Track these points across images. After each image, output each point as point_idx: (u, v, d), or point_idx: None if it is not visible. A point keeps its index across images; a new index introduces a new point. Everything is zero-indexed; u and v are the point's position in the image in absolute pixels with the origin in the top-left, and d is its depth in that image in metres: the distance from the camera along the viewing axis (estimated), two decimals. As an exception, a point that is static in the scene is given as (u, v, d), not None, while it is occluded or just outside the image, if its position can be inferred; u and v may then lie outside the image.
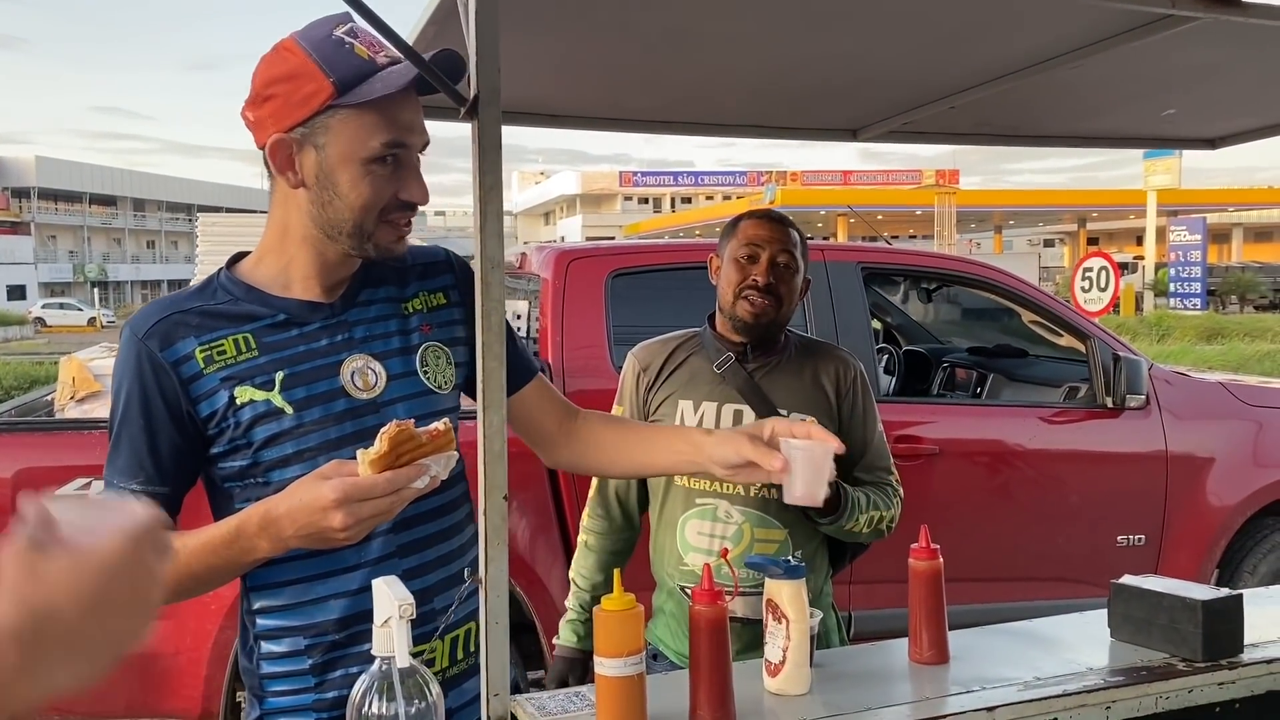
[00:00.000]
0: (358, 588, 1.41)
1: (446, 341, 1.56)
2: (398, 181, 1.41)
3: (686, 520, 2.18)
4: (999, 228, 46.76)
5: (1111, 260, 14.71)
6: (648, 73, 2.24)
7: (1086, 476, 4.22)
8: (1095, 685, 1.68)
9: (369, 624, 1.31)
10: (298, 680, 1.42)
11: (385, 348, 1.48)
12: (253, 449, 1.38)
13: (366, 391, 1.44)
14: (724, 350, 2.22)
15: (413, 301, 1.54)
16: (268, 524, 1.27)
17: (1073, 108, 2.54)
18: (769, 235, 2.20)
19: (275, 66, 1.37)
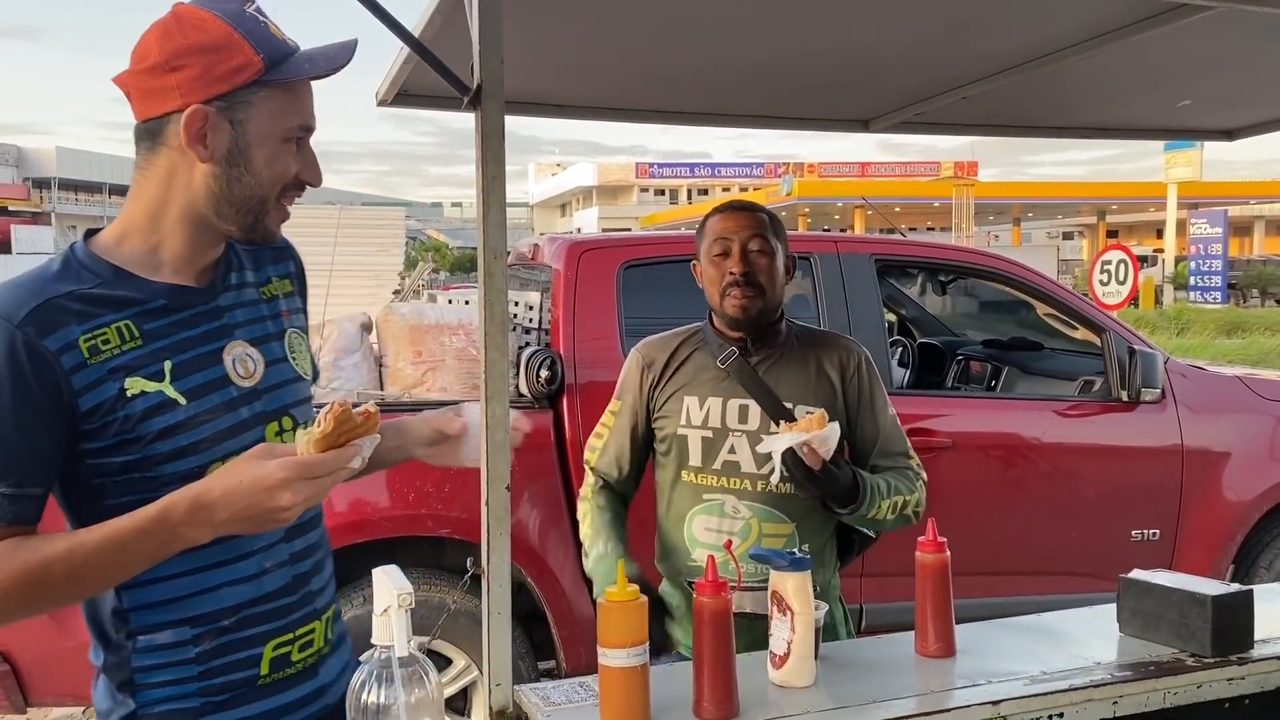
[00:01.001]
0: (252, 574, 1.40)
1: (301, 329, 1.56)
2: (301, 161, 1.39)
3: (694, 516, 2.17)
4: (1017, 220, 46.48)
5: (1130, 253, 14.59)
6: (657, 63, 2.23)
7: (1101, 471, 4.19)
8: (1102, 680, 1.67)
9: (260, 608, 1.38)
10: (181, 670, 1.38)
11: (261, 333, 1.46)
12: (144, 443, 1.31)
13: (248, 379, 1.41)
14: (726, 345, 2.21)
15: (269, 286, 1.52)
16: (198, 509, 1.22)
17: (1085, 98, 2.51)
18: (736, 225, 2.18)
19: (189, 36, 1.31)
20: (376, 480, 3.50)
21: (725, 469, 2.15)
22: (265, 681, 1.42)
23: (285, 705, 1.44)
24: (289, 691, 1.45)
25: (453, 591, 3.40)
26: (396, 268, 5.43)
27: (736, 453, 2.15)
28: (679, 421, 2.18)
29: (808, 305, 4.60)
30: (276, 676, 1.43)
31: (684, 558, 2.19)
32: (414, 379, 4.00)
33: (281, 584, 1.43)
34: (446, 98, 2.20)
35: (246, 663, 1.40)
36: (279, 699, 1.43)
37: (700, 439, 2.16)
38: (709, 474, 2.16)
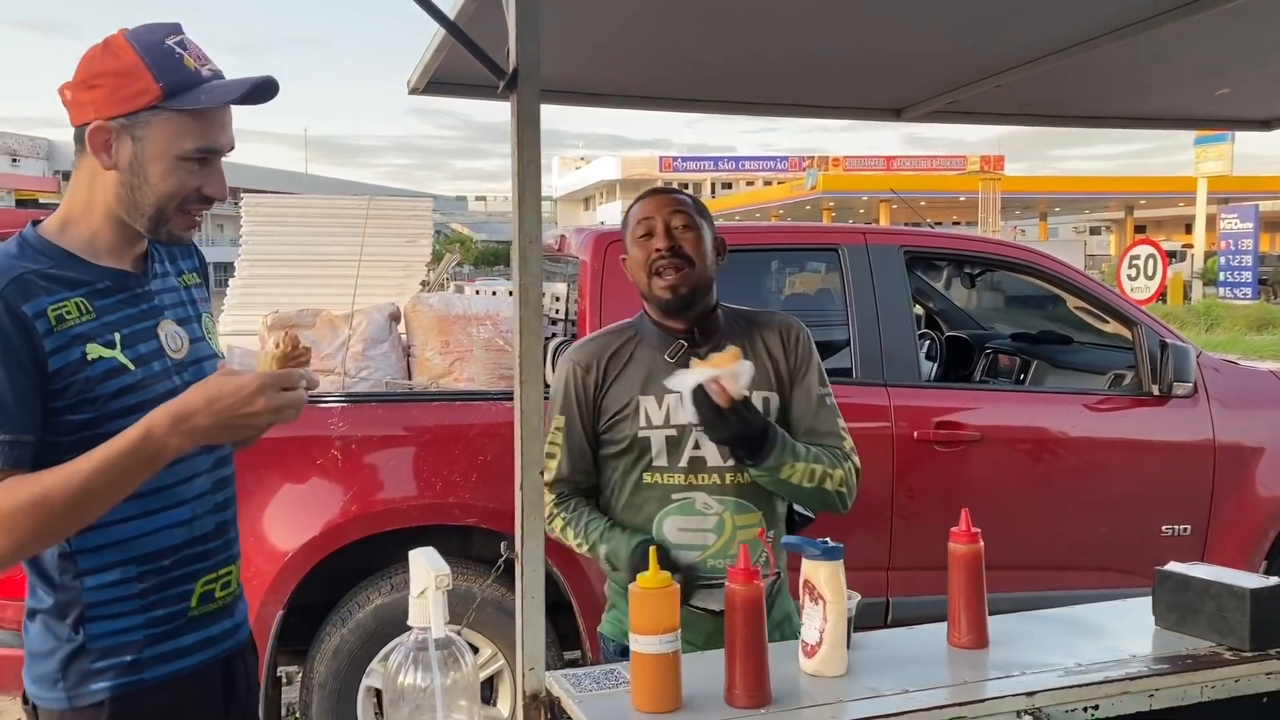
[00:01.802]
0: (189, 518, 1.62)
1: (209, 314, 1.78)
2: (203, 178, 1.57)
3: (665, 518, 2.12)
4: (1044, 215, 46.11)
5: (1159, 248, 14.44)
6: (688, 50, 2.22)
7: (1131, 465, 4.15)
8: (1139, 673, 1.65)
9: (193, 549, 1.61)
10: (127, 604, 1.57)
11: (184, 315, 1.68)
12: (100, 402, 1.50)
13: (177, 353, 1.62)
14: (669, 338, 2.17)
15: (183, 277, 1.74)
16: (180, 420, 1.41)
17: (1122, 87, 2.48)
18: (656, 205, 2.15)
19: (106, 61, 1.51)
20: (404, 469, 3.52)
21: (692, 465, 2.11)
22: (195, 614, 1.64)
23: (210, 638, 1.67)
24: (213, 626, 1.68)
25: (480, 580, 3.41)
26: (425, 259, 5.43)
27: (701, 447, 2.11)
28: (638, 423, 2.12)
29: (827, 300, 4.58)
30: (204, 610, 1.66)
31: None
32: (441, 369, 4.01)
33: (209, 529, 1.66)
34: (479, 85, 2.20)
35: (181, 597, 1.62)
36: (205, 632, 1.66)
37: (664, 438, 2.11)
38: (675, 472, 2.12)
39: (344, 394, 3.74)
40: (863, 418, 3.90)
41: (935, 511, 3.91)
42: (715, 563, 2.08)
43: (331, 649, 3.44)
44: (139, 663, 1.58)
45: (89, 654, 1.55)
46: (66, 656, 1.55)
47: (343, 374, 3.90)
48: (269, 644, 3.37)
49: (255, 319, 4.27)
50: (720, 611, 1.95)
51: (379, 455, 3.53)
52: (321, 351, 3.97)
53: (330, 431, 3.48)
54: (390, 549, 3.52)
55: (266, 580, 3.37)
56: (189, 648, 1.64)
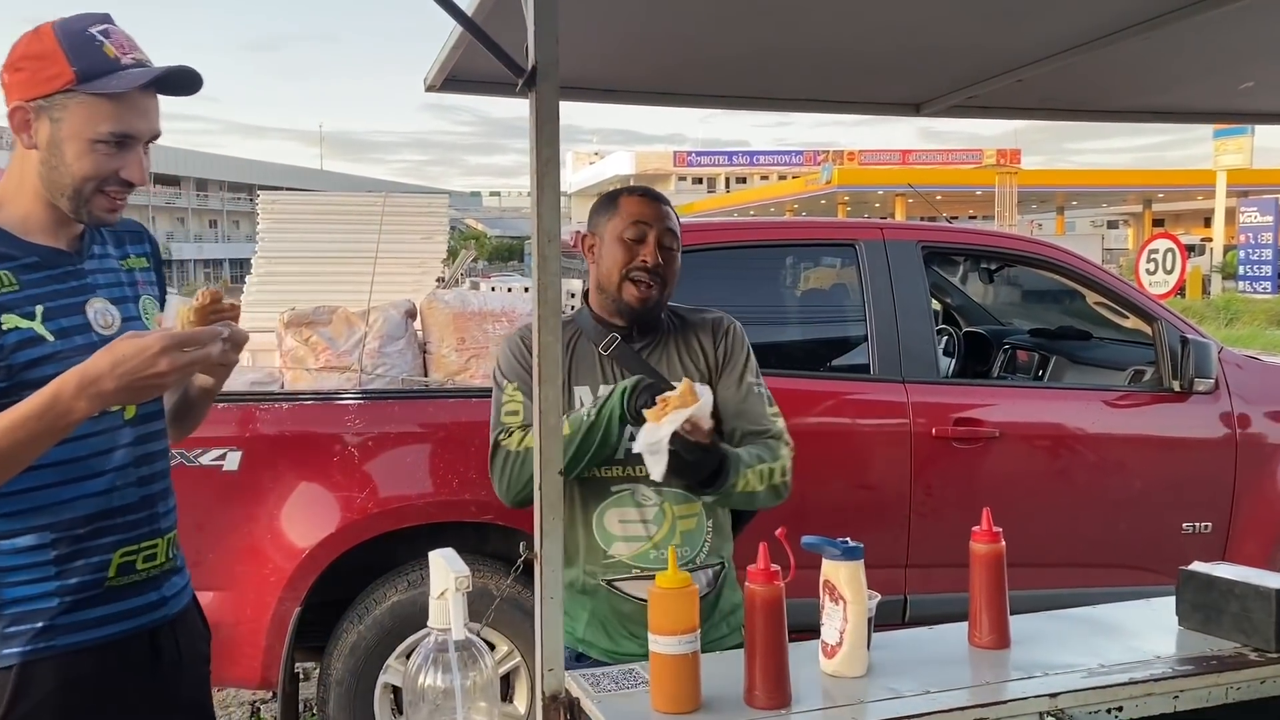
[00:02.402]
0: (105, 488, 1.64)
1: (154, 297, 1.81)
2: (120, 161, 1.61)
3: (604, 511, 2.10)
4: (1061, 209, 45.83)
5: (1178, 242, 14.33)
6: (705, 46, 2.21)
7: (1151, 462, 4.11)
8: (1163, 674, 1.64)
9: (113, 520, 1.63)
10: (41, 570, 1.60)
11: (119, 295, 1.72)
12: (14, 371, 1.55)
13: (107, 329, 1.66)
14: (606, 331, 2.16)
15: (128, 261, 1.79)
16: (87, 384, 1.45)
17: (1145, 81, 2.46)
18: (655, 214, 2.15)
19: (31, 45, 1.58)
20: (420, 466, 3.52)
21: (629, 458, 2.07)
22: (114, 584, 1.66)
23: (131, 609, 1.69)
24: (135, 598, 1.69)
25: (497, 577, 3.41)
26: (440, 255, 5.44)
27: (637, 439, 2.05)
28: None
29: (844, 296, 4.56)
30: (124, 581, 1.67)
31: (597, 556, 2.11)
32: (457, 366, 4.01)
33: (130, 501, 1.68)
34: (496, 83, 2.19)
35: (98, 567, 1.64)
36: (125, 603, 1.68)
37: None
38: (612, 465, 2.09)
39: (360, 391, 3.74)
40: (880, 414, 3.89)
41: (953, 509, 3.89)
42: (657, 554, 2.07)
43: (349, 646, 3.45)
44: (51, 629, 1.60)
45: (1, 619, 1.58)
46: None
47: (359, 371, 3.91)
48: (287, 640, 3.38)
49: (272, 316, 4.27)
50: None
51: (395, 452, 3.53)
52: (338, 349, 3.97)
53: (346, 428, 3.49)
54: (407, 546, 3.53)
55: (284, 577, 3.38)
56: (106, 618, 1.66)
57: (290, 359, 4.04)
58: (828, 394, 3.92)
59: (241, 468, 3.39)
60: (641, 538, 2.09)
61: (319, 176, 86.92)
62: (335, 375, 3.94)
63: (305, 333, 4.02)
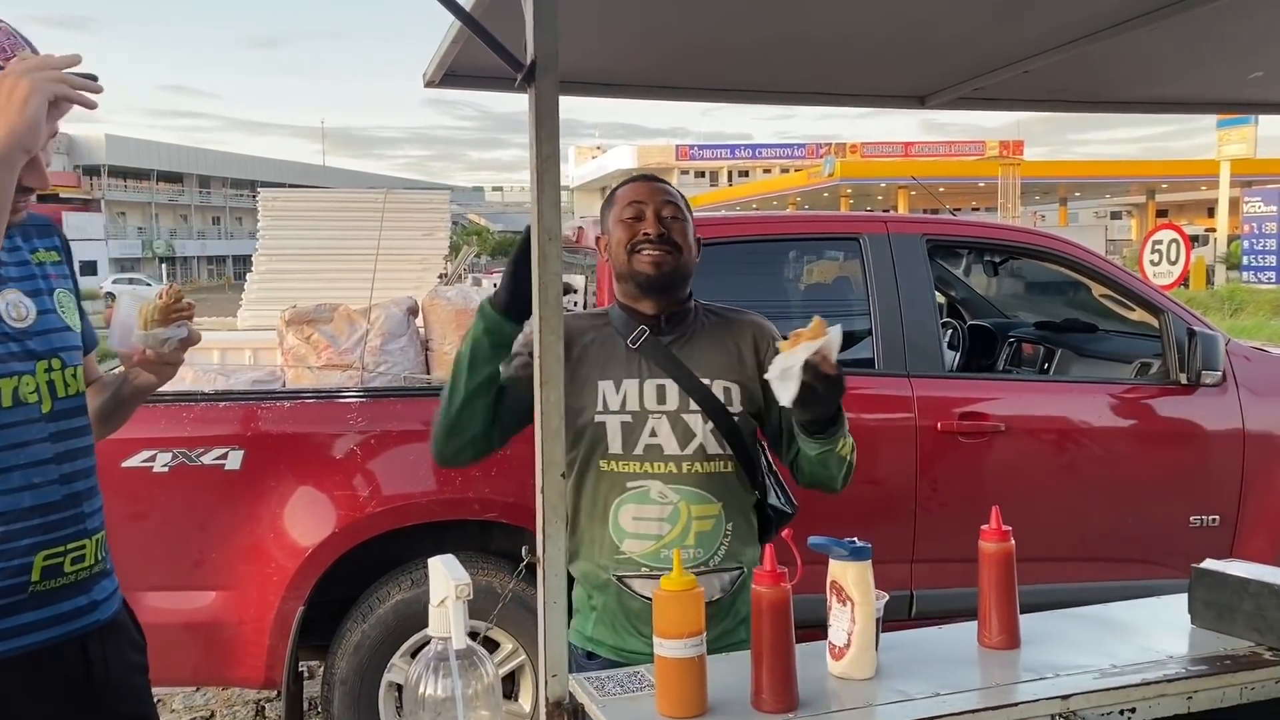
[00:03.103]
0: (18, 486, 1.58)
1: (68, 290, 1.79)
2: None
3: (620, 506, 2.07)
4: (1064, 200, 45.70)
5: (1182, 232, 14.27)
6: (707, 38, 2.18)
7: (1158, 455, 4.09)
8: (1176, 674, 1.61)
9: (32, 520, 1.57)
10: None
11: (32, 287, 1.69)
12: None
13: (20, 321, 1.64)
14: (635, 324, 2.13)
15: (38, 254, 1.76)
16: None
17: (1153, 71, 2.42)
18: (648, 192, 2.13)
19: None
20: (423, 465, 3.50)
21: (648, 453, 2.06)
22: (39, 589, 1.60)
23: (60, 615, 1.63)
24: (63, 602, 1.64)
25: (501, 576, 3.39)
26: (442, 251, 5.41)
27: (658, 435, 2.06)
28: (595, 408, 2.08)
29: (847, 289, 4.53)
30: (50, 585, 1.61)
31: (609, 551, 2.07)
32: (460, 363, 3.99)
33: (52, 500, 1.62)
34: (495, 78, 2.16)
35: (19, 570, 1.58)
36: (54, 608, 1.62)
37: (619, 424, 2.06)
38: (630, 460, 2.06)
39: (362, 389, 3.72)
40: (885, 409, 3.86)
41: (959, 504, 3.87)
42: (668, 553, 2.00)
43: (353, 644, 3.44)
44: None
45: None
46: None
47: (361, 368, 3.89)
48: (291, 639, 3.37)
49: (273, 314, 4.26)
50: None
51: (398, 450, 3.52)
52: (340, 346, 3.96)
53: (349, 427, 3.47)
54: (411, 544, 3.51)
55: (287, 576, 3.36)
56: (34, 624, 1.60)
57: (292, 357, 4.03)
58: (832, 389, 3.89)
59: (244, 467, 3.38)
60: (653, 536, 2.05)
61: (322, 172, 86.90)
62: (337, 373, 3.92)
63: (307, 330, 4.00)
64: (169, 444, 3.34)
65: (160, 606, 3.29)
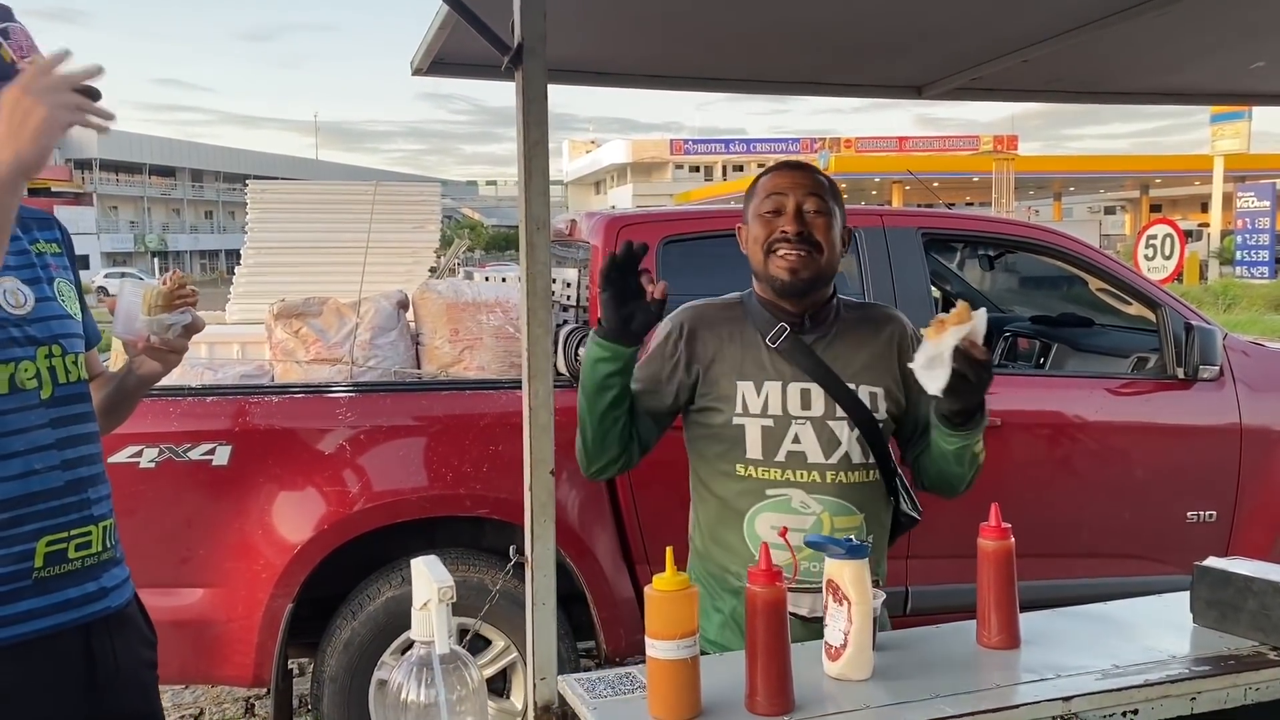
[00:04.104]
0: (19, 473, 1.57)
1: (68, 280, 1.78)
2: None
3: (757, 514, 1.97)
4: (1058, 195, 45.78)
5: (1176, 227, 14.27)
6: (701, 26, 2.14)
7: (1155, 450, 4.06)
8: (1179, 675, 1.58)
9: (34, 506, 1.56)
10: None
11: (30, 276, 1.69)
12: None
13: (18, 308, 1.63)
14: (775, 321, 2.00)
15: (37, 245, 1.75)
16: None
17: (1153, 60, 2.39)
18: (791, 182, 1.98)
19: None
20: (413, 460, 3.46)
21: (790, 461, 1.96)
22: (43, 575, 1.58)
23: (67, 601, 1.61)
24: (69, 589, 1.62)
25: (492, 573, 3.35)
26: (433, 245, 5.37)
27: (801, 442, 1.96)
28: (734, 409, 1.97)
29: (846, 282, 4.49)
30: (54, 571, 1.60)
31: (745, 558, 1.95)
32: (451, 357, 3.94)
33: (54, 485, 1.61)
34: (484, 65, 2.12)
35: (21, 556, 1.56)
36: (59, 595, 1.60)
37: (760, 428, 1.96)
38: (771, 467, 1.96)
39: (352, 384, 3.68)
40: (881, 404, 3.83)
41: (956, 500, 3.83)
42: (809, 565, 1.89)
43: (343, 642, 3.40)
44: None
45: None
46: None
47: (350, 363, 3.84)
48: (279, 636, 3.33)
49: (262, 307, 4.21)
50: (810, 617, 1.89)
51: (388, 446, 3.47)
52: (329, 340, 3.91)
53: (338, 422, 3.43)
54: (401, 541, 3.47)
55: (276, 572, 3.32)
56: (37, 611, 1.58)
57: (280, 351, 3.98)
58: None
59: (231, 462, 3.33)
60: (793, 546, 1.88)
61: (314, 166, 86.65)
62: (326, 368, 3.87)
63: (295, 324, 3.95)
64: (156, 439, 3.29)
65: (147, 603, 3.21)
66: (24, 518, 1.57)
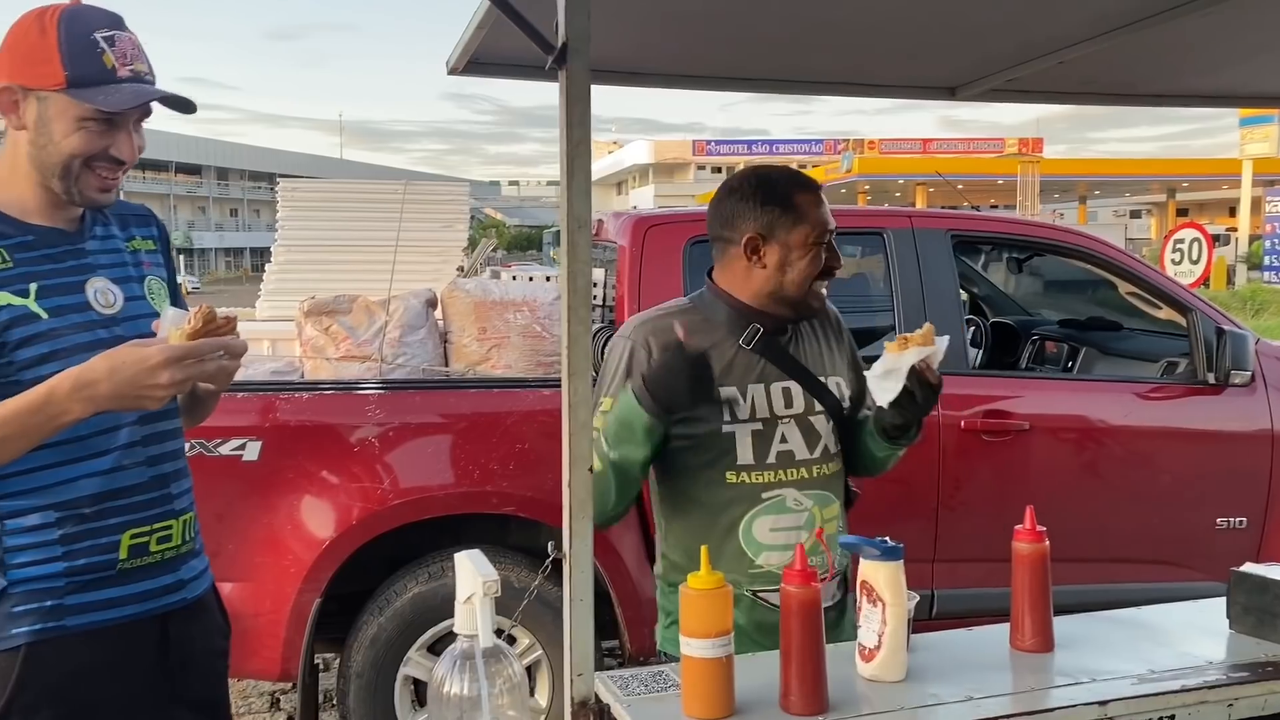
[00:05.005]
0: (110, 468, 1.62)
1: (161, 278, 1.80)
2: (109, 139, 1.60)
3: (754, 519, 1.97)
4: (1083, 198, 45.38)
5: (1204, 231, 14.12)
6: (734, 26, 2.13)
7: (1185, 456, 4.03)
8: (1217, 681, 1.57)
9: (118, 501, 1.61)
10: (47, 550, 1.58)
11: (121, 275, 1.71)
12: (8, 349, 1.54)
13: (108, 308, 1.65)
14: (745, 322, 2.01)
15: (133, 242, 1.78)
16: (81, 387, 1.45)
17: (1194, 62, 2.37)
18: (828, 217, 2.02)
19: (31, 33, 1.56)
20: (441, 457, 3.48)
21: (780, 461, 1.98)
22: (126, 567, 1.63)
23: (146, 592, 1.66)
24: (149, 580, 1.66)
25: (518, 571, 3.36)
26: (461, 243, 5.39)
27: (789, 441, 1.99)
28: (723, 417, 1.96)
29: (867, 284, 4.47)
30: (137, 563, 1.65)
31: (743, 565, 1.97)
32: (478, 355, 3.96)
33: (139, 481, 1.65)
34: (521, 65, 2.13)
35: (107, 548, 1.61)
36: (139, 585, 1.65)
37: (751, 433, 1.96)
38: (763, 470, 1.97)
39: (381, 381, 3.70)
40: (908, 406, 3.81)
41: (982, 503, 3.82)
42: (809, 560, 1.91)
43: (369, 638, 3.41)
44: (60, 609, 1.58)
45: (9, 598, 1.56)
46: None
47: (380, 360, 3.86)
48: (306, 632, 3.35)
49: (292, 304, 4.24)
50: None
51: (416, 443, 3.49)
52: (359, 338, 3.93)
53: (367, 419, 3.45)
54: (428, 537, 3.49)
55: (304, 568, 3.34)
56: (118, 599, 1.63)
57: (310, 348, 4.00)
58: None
59: (261, 458, 3.36)
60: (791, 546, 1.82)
61: (339, 165, 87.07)
62: (355, 365, 3.89)
63: (325, 322, 3.98)
64: (187, 434, 3.31)
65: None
66: (110, 511, 1.62)
